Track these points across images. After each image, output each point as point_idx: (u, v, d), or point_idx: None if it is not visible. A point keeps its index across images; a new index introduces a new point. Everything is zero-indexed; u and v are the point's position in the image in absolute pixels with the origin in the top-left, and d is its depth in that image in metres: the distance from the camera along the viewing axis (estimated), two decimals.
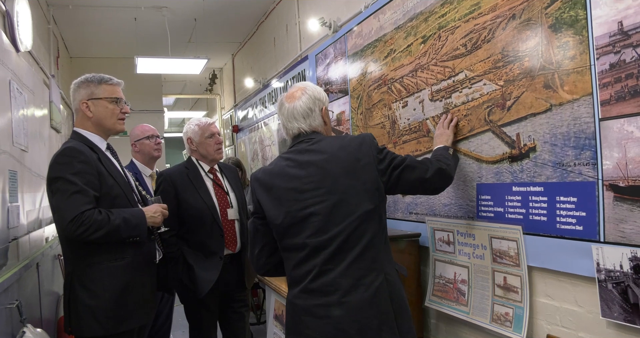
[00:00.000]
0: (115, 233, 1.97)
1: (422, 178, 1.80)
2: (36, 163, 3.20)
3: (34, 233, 3.03)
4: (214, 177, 2.81)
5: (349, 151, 1.75)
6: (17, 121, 2.72)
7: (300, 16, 4.50)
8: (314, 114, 1.85)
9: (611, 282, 1.54)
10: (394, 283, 1.76)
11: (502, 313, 1.99)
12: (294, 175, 1.79)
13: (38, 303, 2.90)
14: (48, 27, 4.85)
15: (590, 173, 1.61)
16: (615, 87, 1.50)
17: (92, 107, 2.12)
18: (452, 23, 2.20)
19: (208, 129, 2.76)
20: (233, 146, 7.20)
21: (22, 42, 3.12)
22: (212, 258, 2.66)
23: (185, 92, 9.90)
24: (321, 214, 1.73)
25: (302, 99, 1.84)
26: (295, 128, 1.84)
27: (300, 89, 1.88)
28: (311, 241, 1.74)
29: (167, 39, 5.60)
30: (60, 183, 1.93)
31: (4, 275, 2.19)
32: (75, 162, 1.95)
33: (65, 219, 1.89)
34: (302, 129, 1.84)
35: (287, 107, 1.85)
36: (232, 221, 2.76)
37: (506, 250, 1.97)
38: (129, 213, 2.04)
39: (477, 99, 2.08)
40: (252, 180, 1.92)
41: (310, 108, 1.84)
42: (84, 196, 1.93)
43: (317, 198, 1.74)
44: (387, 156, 1.77)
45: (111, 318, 2.00)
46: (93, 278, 2.00)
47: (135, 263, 2.09)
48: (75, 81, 2.15)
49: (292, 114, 1.84)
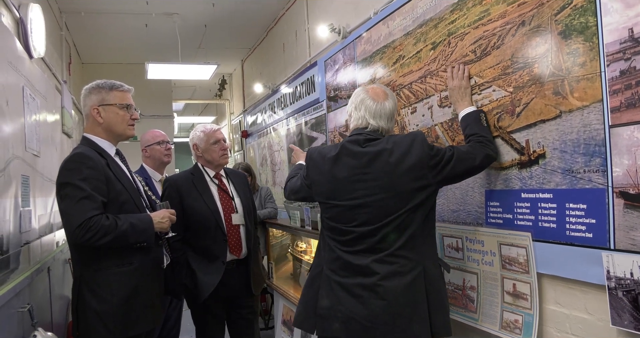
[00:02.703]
0: (123, 239, 1.98)
1: (472, 167, 1.90)
2: (48, 168, 3.24)
3: (46, 238, 3.06)
4: (219, 182, 2.82)
5: (402, 148, 1.84)
6: (30, 126, 2.76)
7: (310, 22, 4.52)
8: (392, 119, 1.99)
9: (622, 290, 1.53)
10: (433, 277, 1.84)
11: (511, 320, 1.98)
12: (347, 164, 1.91)
13: (49, 307, 2.93)
14: (60, 33, 4.91)
15: (600, 180, 1.60)
16: (626, 94, 1.50)
17: (103, 113, 2.14)
18: (462, 29, 2.21)
19: (213, 136, 2.78)
20: (242, 151, 7.22)
21: (35, 49, 3.17)
22: (215, 262, 2.67)
23: (194, 97, 9.95)
24: (371, 206, 1.85)
25: (389, 101, 1.97)
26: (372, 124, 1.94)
27: (385, 91, 2.01)
28: (358, 229, 1.87)
29: (177, 45, 5.65)
30: (69, 189, 1.95)
31: (16, 279, 2.21)
32: (83, 168, 1.97)
33: (73, 224, 1.91)
34: (380, 127, 1.95)
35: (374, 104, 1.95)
36: (237, 227, 2.76)
37: (515, 256, 1.96)
38: (137, 218, 2.06)
39: (487, 105, 2.07)
40: (307, 158, 2.08)
41: (392, 113, 1.98)
42: (92, 202, 1.95)
43: (367, 190, 1.85)
44: (438, 153, 1.85)
45: (119, 323, 2.01)
46: (101, 283, 2.01)
47: (143, 268, 2.10)
48: (86, 87, 2.17)
49: (379, 112, 1.95)
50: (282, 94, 5.12)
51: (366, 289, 1.82)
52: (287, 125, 4.96)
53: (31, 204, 2.69)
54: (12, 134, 2.36)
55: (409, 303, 1.78)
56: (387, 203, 1.83)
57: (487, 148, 1.94)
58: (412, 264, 1.82)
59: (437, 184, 1.87)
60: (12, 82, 2.43)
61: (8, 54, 2.41)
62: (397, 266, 1.82)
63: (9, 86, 2.37)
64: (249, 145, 6.81)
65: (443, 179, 1.87)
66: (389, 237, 1.83)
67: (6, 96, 2.28)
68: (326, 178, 1.97)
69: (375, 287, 1.81)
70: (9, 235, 2.23)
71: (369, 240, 1.86)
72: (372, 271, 1.83)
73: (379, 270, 1.82)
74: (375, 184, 1.85)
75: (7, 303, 2.02)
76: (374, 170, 1.86)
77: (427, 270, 1.84)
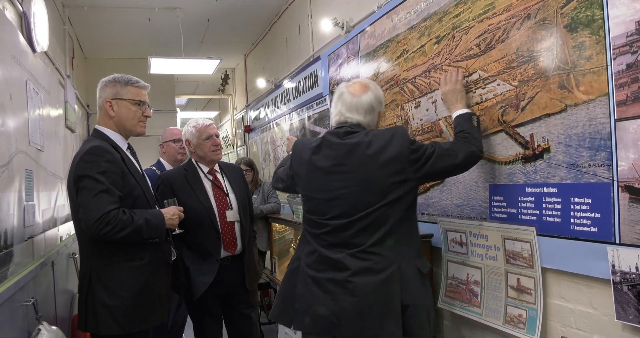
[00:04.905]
0: (138, 234, 2.00)
1: (452, 165, 1.85)
2: (51, 162, 3.24)
3: (49, 232, 3.07)
4: (213, 178, 2.78)
5: (381, 140, 1.81)
6: (33, 120, 2.76)
7: (313, 17, 4.51)
8: (374, 113, 1.94)
9: (627, 284, 1.52)
10: (409, 277, 1.77)
11: (515, 314, 1.98)
12: (325, 155, 1.88)
13: (53, 301, 2.94)
14: (64, 28, 4.90)
15: (605, 174, 1.59)
16: (632, 88, 1.49)
17: (115, 107, 2.15)
18: (466, 23, 2.19)
19: (205, 131, 2.74)
20: (245, 146, 7.22)
21: (38, 43, 3.16)
22: (209, 260, 2.64)
23: (197, 92, 9.94)
24: (346, 199, 1.81)
25: (368, 95, 1.93)
26: (349, 117, 1.92)
27: (367, 85, 1.96)
28: (332, 222, 1.83)
29: (180, 40, 5.64)
30: (87, 181, 1.96)
31: (20, 273, 2.22)
32: (102, 161, 1.98)
33: (91, 217, 1.92)
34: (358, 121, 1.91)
35: (350, 98, 1.92)
36: (232, 223, 2.73)
37: (520, 251, 1.95)
38: (151, 214, 2.08)
39: (491, 99, 2.07)
40: (293, 148, 2.08)
41: (373, 107, 1.93)
42: (110, 196, 1.96)
43: (344, 182, 1.82)
44: (419, 148, 1.82)
45: (129, 318, 2.03)
46: (113, 278, 2.03)
47: (154, 264, 2.12)
48: (103, 79, 2.18)
49: (354, 105, 1.92)
50: (285, 89, 5.11)
51: (337, 285, 1.78)
52: (290, 120, 4.95)
53: (35, 198, 2.69)
54: (15, 129, 2.35)
55: (380, 301, 1.73)
56: (362, 196, 1.80)
57: (471, 144, 1.89)
58: (386, 262, 1.77)
59: (417, 180, 1.83)
60: (15, 76, 2.43)
61: (11, 48, 2.40)
62: (369, 263, 1.77)
63: (13, 80, 2.37)
64: (252, 140, 6.81)
65: (424, 175, 1.83)
66: (363, 232, 1.79)
67: (10, 91, 2.28)
68: (306, 169, 1.95)
69: (345, 283, 1.77)
70: (13, 229, 2.24)
71: (343, 234, 1.82)
72: (344, 266, 1.79)
73: (351, 265, 1.78)
74: (352, 176, 1.82)
75: (12, 297, 2.03)
76: (351, 162, 1.83)
77: (403, 270, 1.78)
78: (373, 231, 1.78)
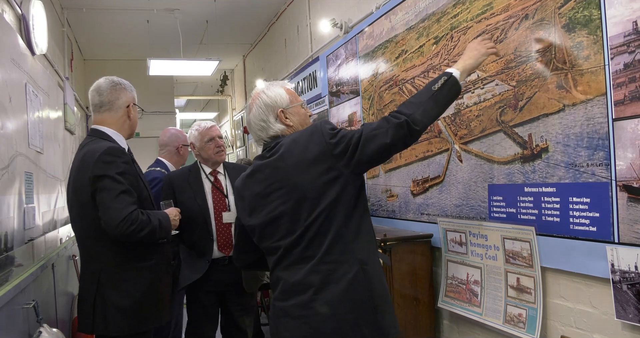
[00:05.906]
0: (153, 234, 2.02)
1: (384, 145, 1.60)
2: (51, 164, 3.24)
3: (49, 234, 3.07)
4: (215, 180, 2.81)
5: (300, 144, 1.67)
6: (33, 123, 2.76)
7: (311, 17, 4.51)
8: (269, 123, 1.76)
9: (626, 283, 1.53)
10: (374, 274, 1.68)
11: (515, 314, 1.99)
12: (257, 180, 1.76)
13: (53, 303, 2.94)
14: (62, 30, 4.91)
15: (604, 174, 1.59)
16: (630, 87, 1.49)
17: (132, 112, 2.20)
18: (465, 23, 2.20)
19: (207, 134, 2.77)
20: (244, 147, 7.23)
21: (37, 46, 3.16)
22: (201, 259, 2.69)
23: (196, 93, 9.95)
24: (288, 215, 1.68)
25: (253, 112, 1.78)
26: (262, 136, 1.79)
27: (253, 97, 1.80)
28: (283, 242, 1.71)
29: (179, 41, 5.64)
30: (107, 182, 1.96)
31: (20, 276, 2.22)
32: (119, 162, 2.00)
33: (116, 217, 1.93)
34: (264, 138, 1.79)
35: (250, 120, 1.80)
36: (228, 225, 2.73)
37: (519, 250, 1.96)
38: (160, 215, 2.11)
39: (489, 99, 2.07)
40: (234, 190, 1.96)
41: (263, 119, 1.76)
42: (130, 197, 1.98)
43: (281, 199, 1.70)
44: (342, 139, 1.63)
45: (138, 317, 2.05)
46: (124, 278, 2.04)
47: (160, 264, 2.15)
48: (115, 80, 2.18)
49: (251, 126, 1.80)
50: None
51: (304, 308, 1.67)
52: None
53: (35, 201, 2.70)
54: (15, 131, 2.36)
55: (352, 309, 1.63)
56: (301, 207, 1.66)
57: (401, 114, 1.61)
58: (345, 267, 1.65)
59: (351, 173, 1.65)
60: (14, 79, 2.43)
61: (10, 50, 2.41)
62: (327, 273, 1.65)
63: (12, 82, 2.37)
64: (251, 141, 6.81)
65: (356, 165, 1.63)
66: (313, 243, 1.66)
67: (9, 93, 2.28)
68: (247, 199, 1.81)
69: (311, 303, 1.66)
70: (13, 232, 2.24)
71: (296, 250, 1.69)
72: (306, 286, 1.67)
73: (312, 282, 1.66)
74: (285, 191, 1.69)
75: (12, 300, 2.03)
76: (279, 177, 1.70)
77: (366, 269, 1.66)
78: (322, 240, 1.66)
